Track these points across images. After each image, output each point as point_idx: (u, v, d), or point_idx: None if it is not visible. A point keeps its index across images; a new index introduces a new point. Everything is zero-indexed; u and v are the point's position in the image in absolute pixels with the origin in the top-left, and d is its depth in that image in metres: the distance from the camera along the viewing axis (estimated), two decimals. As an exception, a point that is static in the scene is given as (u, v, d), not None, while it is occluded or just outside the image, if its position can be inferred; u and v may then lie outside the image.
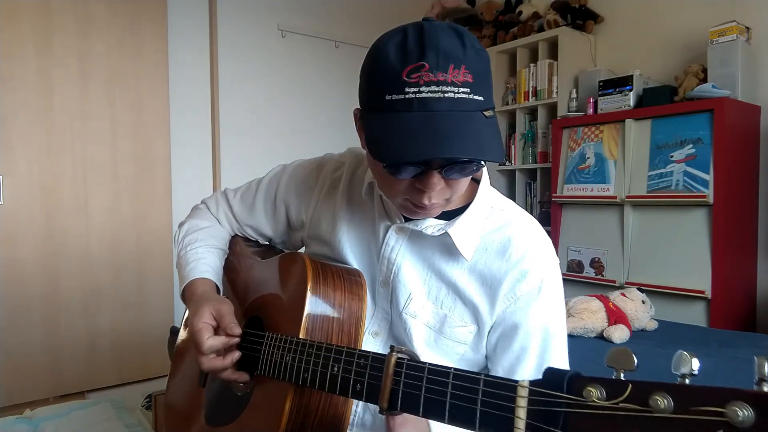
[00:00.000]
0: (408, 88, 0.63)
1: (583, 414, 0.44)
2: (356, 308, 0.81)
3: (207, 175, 3.11)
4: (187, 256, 0.96)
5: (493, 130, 0.66)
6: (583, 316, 1.93)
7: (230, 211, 1.05)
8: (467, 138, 0.63)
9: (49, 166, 2.51)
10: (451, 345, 0.82)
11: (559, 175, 3.05)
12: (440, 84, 0.63)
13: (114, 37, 2.67)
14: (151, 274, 2.80)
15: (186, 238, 1.00)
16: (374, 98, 0.67)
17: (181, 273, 0.95)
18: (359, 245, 0.87)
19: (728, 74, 2.52)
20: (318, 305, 0.78)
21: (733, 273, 2.50)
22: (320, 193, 0.94)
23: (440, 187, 0.69)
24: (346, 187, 0.91)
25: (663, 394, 0.40)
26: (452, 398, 0.54)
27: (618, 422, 0.42)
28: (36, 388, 2.48)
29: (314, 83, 3.47)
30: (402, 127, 0.64)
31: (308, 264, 0.81)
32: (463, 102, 0.64)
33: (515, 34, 3.45)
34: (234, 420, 0.82)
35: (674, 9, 2.93)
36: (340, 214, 0.89)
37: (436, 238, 0.80)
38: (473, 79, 0.64)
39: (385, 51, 0.66)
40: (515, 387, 0.49)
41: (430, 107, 0.63)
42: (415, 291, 0.82)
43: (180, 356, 1.10)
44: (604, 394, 0.43)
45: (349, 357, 0.66)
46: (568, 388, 0.45)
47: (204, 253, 0.97)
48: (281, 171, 1.01)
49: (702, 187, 2.46)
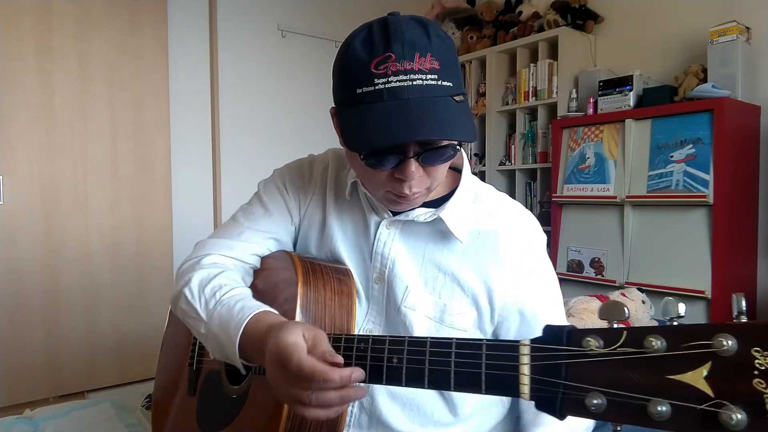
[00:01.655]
0: (377, 79, 0.65)
1: (583, 363, 0.47)
2: (346, 303, 0.81)
3: (207, 175, 3.11)
4: (223, 301, 0.76)
5: (464, 113, 0.68)
6: (583, 316, 1.93)
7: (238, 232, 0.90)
8: (438, 121, 0.64)
9: (49, 166, 2.52)
10: (453, 333, 0.82)
11: (559, 175, 3.05)
12: (408, 72, 0.64)
13: (114, 37, 2.67)
14: (151, 274, 2.80)
15: (206, 289, 0.79)
16: (346, 93, 0.69)
17: (228, 323, 0.72)
18: (351, 244, 0.88)
19: (728, 74, 2.52)
20: (309, 303, 0.78)
21: (733, 273, 2.49)
22: (314, 191, 0.94)
23: (419, 176, 0.71)
24: (332, 187, 0.91)
25: (656, 336, 0.43)
26: (457, 366, 0.55)
27: (617, 366, 0.45)
28: (36, 388, 2.48)
29: (314, 83, 3.47)
30: (374, 117, 0.65)
31: (297, 262, 0.81)
32: (432, 88, 0.66)
33: (515, 34, 3.45)
34: (230, 422, 0.82)
35: (674, 9, 2.93)
36: (330, 215, 0.89)
37: (429, 226, 0.82)
38: (440, 65, 0.66)
39: (352, 46, 0.68)
40: (517, 346, 0.52)
41: (400, 95, 0.65)
42: (411, 283, 0.82)
43: (166, 368, 1.08)
44: (601, 342, 0.47)
45: (348, 342, 0.66)
46: (567, 341, 0.48)
47: (244, 292, 0.80)
48: (270, 180, 0.95)
49: (702, 187, 2.45)
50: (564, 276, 3.01)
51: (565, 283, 3.04)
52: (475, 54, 3.61)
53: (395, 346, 0.61)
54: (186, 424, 0.94)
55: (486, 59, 3.55)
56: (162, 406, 1.06)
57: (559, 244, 3.04)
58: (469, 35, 3.73)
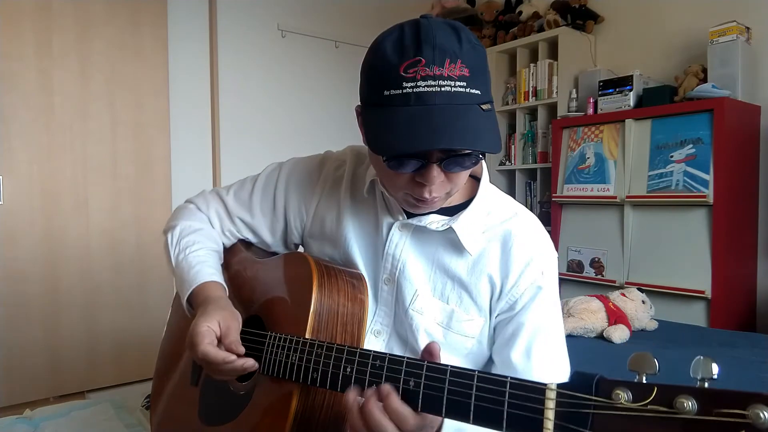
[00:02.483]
0: (405, 83, 0.64)
1: (611, 416, 0.45)
2: (358, 309, 0.81)
3: (207, 175, 3.11)
4: (188, 259, 0.93)
5: (490, 122, 0.67)
6: (583, 316, 1.93)
7: (224, 210, 1.01)
8: (463, 130, 0.64)
9: (49, 166, 2.51)
10: (460, 340, 0.83)
11: (559, 175, 3.05)
12: (437, 78, 0.64)
13: (114, 37, 2.67)
14: (151, 274, 2.80)
15: (183, 241, 0.96)
16: (373, 94, 0.68)
17: (185, 276, 0.91)
18: (364, 243, 0.88)
19: (728, 74, 2.52)
20: (323, 306, 0.78)
21: (733, 273, 2.49)
22: (323, 191, 0.93)
23: (440, 181, 0.71)
24: (348, 185, 0.91)
25: (687, 397, 0.42)
26: (477, 400, 0.55)
27: (645, 423, 0.43)
28: (36, 388, 2.48)
29: (314, 83, 3.47)
30: (400, 121, 0.65)
31: (313, 265, 0.81)
32: (460, 95, 0.65)
33: (515, 34, 3.45)
34: (234, 419, 0.82)
35: (674, 9, 2.93)
36: (345, 212, 0.89)
37: (440, 233, 0.81)
38: (470, 73, 0.65)
39: (382, 48, 0.67)
40: (544, 390, 0.51)
41: (427, 101, 0.64)
42: (420, 287, 0.82)
43: (168, 354, 1.08)
44: (630, 396, 0.45)
45: (363, 358, 0.66)
46: (596, 390, 0.47)
47: (206, 256, 0.94)
48: (278, 168, 1.00)
49: (702, 187, 2.45)
50: (564, 276, 3.01)
51: (565, 283, 3.04)
52: (475, 54, 3.61)
53: (413, 369, 0.60)
54: (186, 414, 0.94)
55: (486, 59, 3.55)
56: (161, 392, 1.06)
57: (559, 244, 3.04)
58: (469, 35, 3.73)
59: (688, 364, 0.44)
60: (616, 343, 1.85)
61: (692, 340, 1.93)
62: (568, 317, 1.94)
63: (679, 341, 1.89)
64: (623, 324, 1.91)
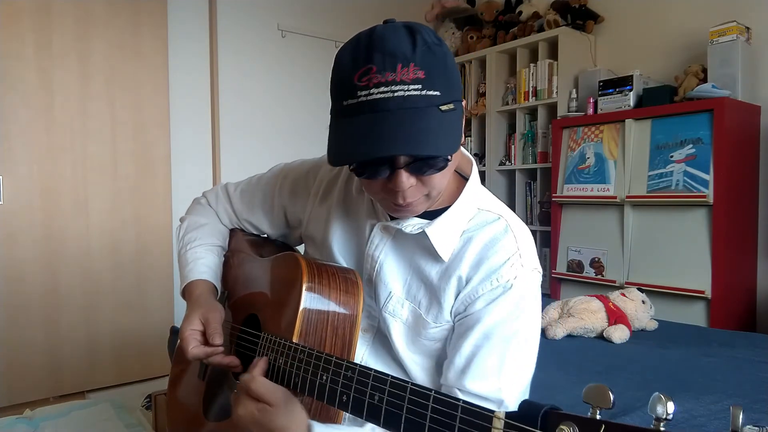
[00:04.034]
0: (359, 91, 0.64)
1: None
2: (351, 308, 0.81)
3: (207, 175, 3.11)
4: (186, 256, 0.99)
5: (448, 123, 0.66)
6: (583, 316, 1.93)
7: (230, 207, 1.07)
8: (416, 133, 0.63)
9: (49, 166, 2.51)
10: (428, 343, 0.83)
11: (559, 175, 3.05)
12: (389, 84, 0.63)
13: (114, 37, 2.67)
14: (151, 274, 2.80)
15: (186, 236, 1.03)
16: (335, 105, 0.69)
17: (182, 272, 0.98)
18: (348, 243, 0.89)
19: (728, 74, 2.52)
20: (313, 305, 0.78)
21: (733, 273, 2.50)
22: (316, 196, 0.95)
23: (411, 185, 0.70)
24: (342, 187, 0.92)
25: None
26: (431, 422, 0.55)
27: None
28: (36, 388, 2.48)
29: (314, 83, 3.47)
30: (351, 130, 0.65)
31: (303, 264, 0.81)
32: (415, 98, 0.64)
33: (515, 34, 3.45)
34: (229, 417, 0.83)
35: (674, 9, 2.94)
36: (334, 215, 0.90)
37: (416, 237, 0.80)
38: (425, 74, 0.64)
39: (340, 58, 0.68)
40: (491, 418, 0.50)
41: (380, 107, 0.64)
42: (394, 289, 0.83)
43: None
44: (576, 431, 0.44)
45: (337, 368, 0.67)
46: (542, 424, 0.46)
47: (203, 253, 0.99)
48: (281, 171, 1.02)
49: (702, 187, 2.46)
50: (564, 276, 3.01)
51: (565, 283, 3.04)
52: (475, 54, 3.61)
53: (378, 383, 0.61)
54: (192, 406, 0.97)
55: (486, 59, 3.55)
56: (176, 387, 1.09)
57: (559, 244, 3.04)
58: (469, 35, 3.73)
59: (688, 364, 0.43)
60: (616, 343, 1.85)
61: (692, 340, 1.93)
62: (568, 317, 1.94)
63: (679, 341, 1.89)
64: (623, 324, 1.91)
